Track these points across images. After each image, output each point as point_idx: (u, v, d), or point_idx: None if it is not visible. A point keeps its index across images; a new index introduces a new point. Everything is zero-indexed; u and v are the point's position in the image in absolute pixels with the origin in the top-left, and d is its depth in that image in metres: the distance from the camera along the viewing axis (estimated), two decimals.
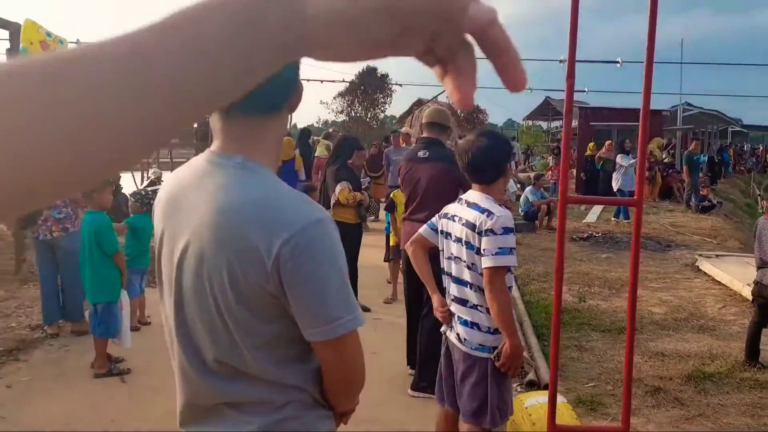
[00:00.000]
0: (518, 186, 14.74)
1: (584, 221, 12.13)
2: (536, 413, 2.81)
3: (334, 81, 26.06)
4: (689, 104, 23.42)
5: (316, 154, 11.56)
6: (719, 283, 7.33)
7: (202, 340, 1.22)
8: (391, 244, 6.40)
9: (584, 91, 22.80)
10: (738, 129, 35.03)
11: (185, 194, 1.24)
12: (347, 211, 5.84)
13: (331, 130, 16.89)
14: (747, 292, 5.81)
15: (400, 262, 5.22)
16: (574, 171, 16.11)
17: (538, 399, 2.91)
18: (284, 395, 1.22)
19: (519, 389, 4.14)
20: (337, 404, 1.29)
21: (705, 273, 7.85)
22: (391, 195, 6.38)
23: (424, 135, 4.35)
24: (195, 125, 18.75)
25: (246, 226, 1.14)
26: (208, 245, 1.17)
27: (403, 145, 10.39)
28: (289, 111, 1.29)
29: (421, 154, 4.22)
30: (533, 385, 4.19)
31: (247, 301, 1.16)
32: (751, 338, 4.77)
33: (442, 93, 27.32)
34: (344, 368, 1.22)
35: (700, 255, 8.62)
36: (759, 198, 14.66)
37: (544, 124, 36.89)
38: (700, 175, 14.45)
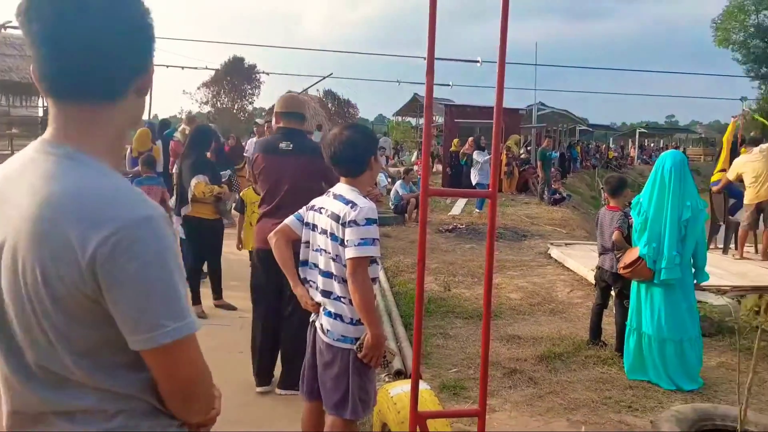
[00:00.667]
0: (389, 180, 15.06)
1: (449, 214, 12.67)
2: (401, 402, 2.86)
3: (196, 68, 24.83)
4: (543, 104, 25.21)
5: (173, 139, 11.01)
6: (568, 269, 7.96)
7: (22, 343, 1.11)
8: (248, 248, 5.60)
9: (449, 86, 23.75)
10: (585, 128, 38.29)
11: (9, 186, 1.12)
12: (205, 207, 5.56)
13: (194, 114, 16.17)
14: (591, 277, 6.36)
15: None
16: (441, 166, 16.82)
17: (403, 387, 2.97)
18: (116, 404, 1.12)
19: (387, 379, 4.22)
20: (180, 417, 1.19)
21: (556, 260, 8.49)
22: (241, 194, 6.03)
23: (282, 125, 4.03)
24: (41, 114, 17.10)
25: (62, 221, 1.03)
26: (23, 240, 1.06)
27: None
28: (137, 97, 1.18)
29: (283, 146, 3.93)
30: (401, 374, 4.29)
31: (63, 303, 1.05)
32: (594, 319, 5.22)
33: (312, 86, 27.16)
34: (176, 380, 1.12)
35: (552, 244, 9.31)
36: (601, 191, 16.16)
37: (413, 121, 37.91)
38: (552, 170, 15.66)
